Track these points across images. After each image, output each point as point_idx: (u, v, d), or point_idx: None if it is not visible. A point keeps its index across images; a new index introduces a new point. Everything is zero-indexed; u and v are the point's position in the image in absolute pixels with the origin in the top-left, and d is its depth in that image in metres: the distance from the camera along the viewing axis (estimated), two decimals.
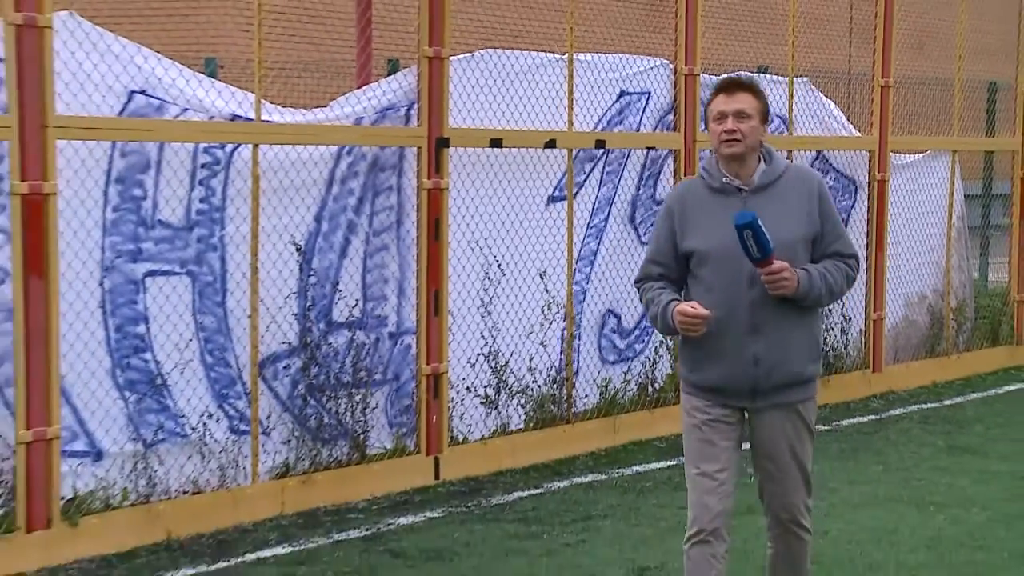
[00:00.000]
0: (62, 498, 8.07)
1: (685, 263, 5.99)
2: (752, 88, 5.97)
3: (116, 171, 8.69)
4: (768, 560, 6.20)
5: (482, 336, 10.64)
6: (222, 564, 8.13)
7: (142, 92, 8.68)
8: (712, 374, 5.99)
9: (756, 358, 5.89)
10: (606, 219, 11.64)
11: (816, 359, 6.14)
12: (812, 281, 5.86)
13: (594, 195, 11.48)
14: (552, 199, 11.14)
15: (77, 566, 7.97)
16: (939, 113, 15.13)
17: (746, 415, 6.04)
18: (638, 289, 6.24)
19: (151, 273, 8.89)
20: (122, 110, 8.58)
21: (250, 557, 8.28)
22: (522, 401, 10.90)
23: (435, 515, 9.23)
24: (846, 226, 13.45)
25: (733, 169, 5.93)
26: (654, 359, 11.84)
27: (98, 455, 8.56)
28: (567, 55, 10.97)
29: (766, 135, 6.05)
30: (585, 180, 11.30)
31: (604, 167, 11.54)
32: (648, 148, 11.78)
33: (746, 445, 6.10)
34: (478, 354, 10.62)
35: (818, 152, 13.44)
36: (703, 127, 11.84)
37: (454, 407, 10.31)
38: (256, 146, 9.02)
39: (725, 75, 6.26)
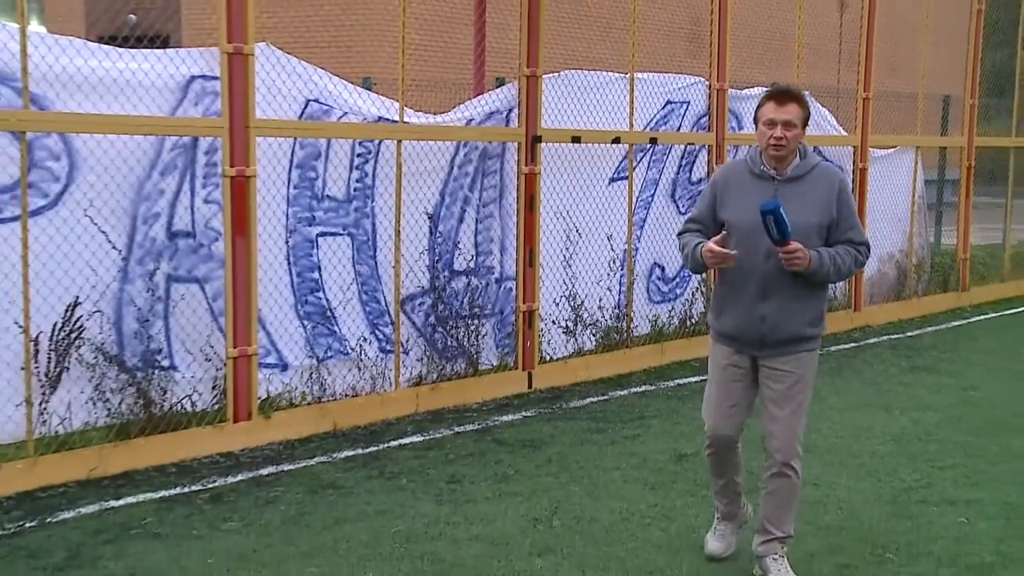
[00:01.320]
0: (259, 398, 8.21)
1: (719, 228, 5.72)
2: (799, 99, 5.63)
3: (297, 159, 8.77)
4: (762, 499, 5.88)
5: (564, 283, 10.64)
6: (372, 448, 8.22)
7: (316, 101, 8.74)
8: (729, 324, 5.74)
9: (763, 317, 5.60)
10: (652, 195, 11.60)
11: (816, 324, 5.74)
12: (822, 262, 5.57)
13: (643, 177, 11.48)
14: (612, 180, 11.13)
15: (269, 448, 8.11)
16: (906, 119, 15.02)
17: (755, 361, 5.77)
18: (679, 238, 5.92)
19: (322, 234, 8.97)
20: (301, 114, 8.65)
21: (393, 443, 8.36)
22: (593, 331, 10.91)
23: (528, 414, 9.29)
24: None
25: (773, 163, 5.67)
26: (691, 301, 11.80)
27: (284, 367, 8.70)
28: (629, 74, 10.95)
29: (804, 138, 5.74)
30: (637, 166, 11.30)
31: (651, 156, 11.50)
32: (688, 144, 11.78)
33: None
34: (561, 296, 10.61)
35: (815, 147, 13.34)
36: (730, 128, 11.90)
37: (543, 335, 10.33)
38: (399, 141, 9.07)
39: (775, 84, 5.89)
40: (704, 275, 11.05)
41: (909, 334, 13.52)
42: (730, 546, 6.10)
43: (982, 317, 14.91)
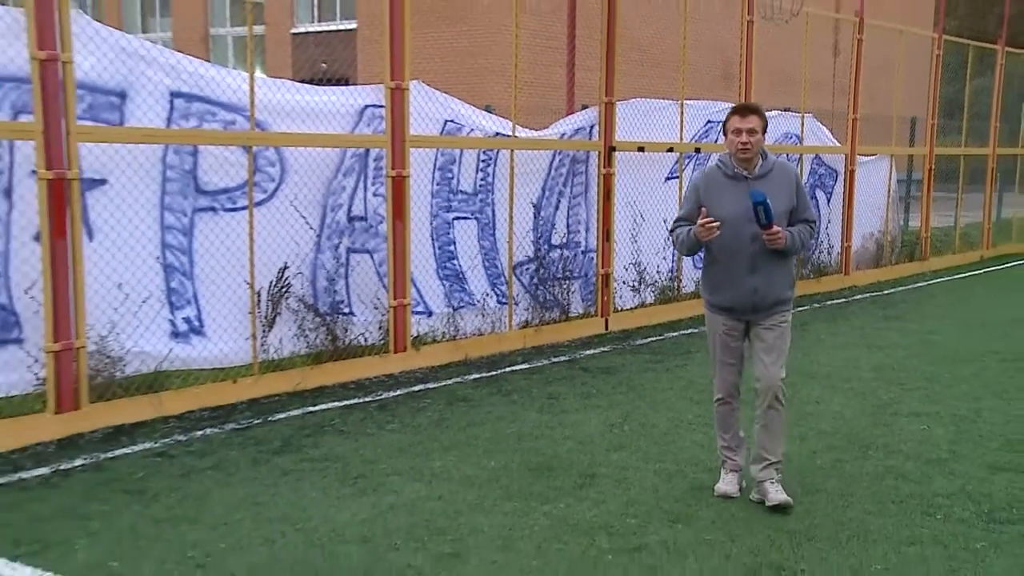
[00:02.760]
0: (411, 336, 8.27)
1: None
2: (758, 111, 5.20)
3: (438, 163, 8.78)
4: (756, 432, 5.40)
5: (632, 254, 10.55)
6: (492, 373, 8.25)
7: (452, 121, 8.74)
8: (725, 298, 5.27)
9: (754, 289, 5.19)
10: None
11: (792, 287, 5.34)
12: (794, 240, 5.22)
13: (690, 177, 11.31)
14: (667, 179, 11.01)
15: (419, 371, 8.17)
16: (883, 134, 14.81)
17: (747, 324, 5.37)
18: (671, 234, 5.45)
19: (456, 218, 8.99)
20: (441, 130, 8.65)
21: (507, 369, 8.39)
22: (652, 289, 10.83)
23: (605, 349, 9.25)
24: (831, 198, 13.45)
25: (742, 164, 5.26)
26: None
27: (429, 314, 8.75)
28: (679, 101, 10.82)
29: (764, 143, 5.32)
30: (685, 168, 11.14)
31: (695, 161, 11.32)
32: (723, 153, 11.61)
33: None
34: (629, 263, 10.54)
35: (816, 155, 13.17)
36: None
37: (616, 291, 10.27)
38: (512, 150, 9.04)
39: (738, 103, 5.51)
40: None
41: (885, 292, 13.30)
42: (738, 488, 5.43)
43: (939, 280, 14.66)
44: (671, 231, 5.46)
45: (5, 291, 6.29)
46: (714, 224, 5.10)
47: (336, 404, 7.17)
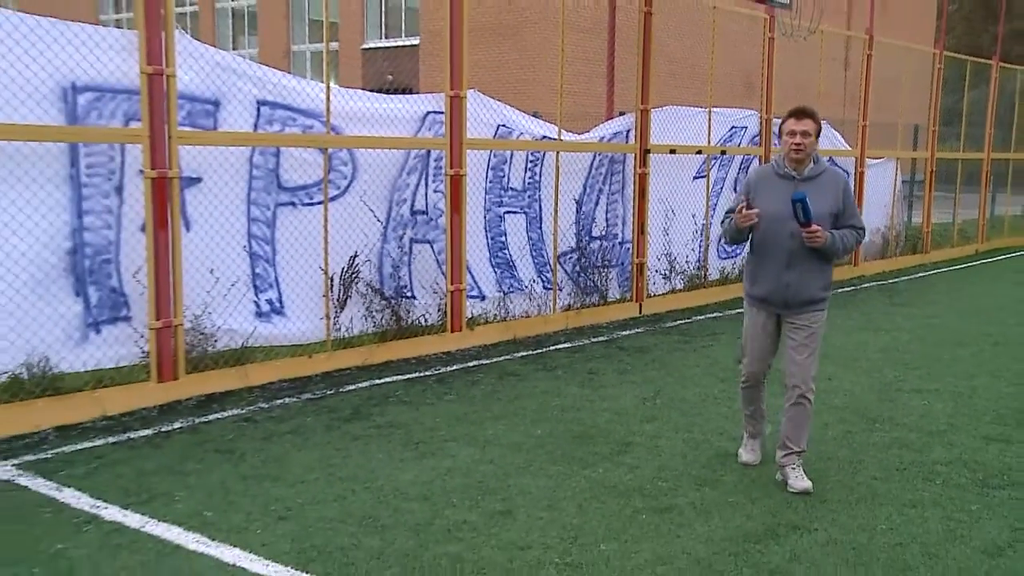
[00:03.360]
0: (466, 317, 8.22)
1: None
2: (813, 115, 4.91)
3: (491, 163, 8.72)
4: (782, 423, 5.04)
5: (663, 245, 10.44)
6: (538, 351, 8.20)
7: (503, 126, 8.67)
8: (761, 290, 5.00)
9: (787, 284, 4.90)
10: (721, 188, 11.30)
11: (827, 288, 5.00)
12: (834, 241, 4.94)
13: (716, 175, 11.19)
14: (695, 178, 10.88)
15: (473, 349, 8.13)
16: (890, 139, 14.57)
17: (780, 318, 5.03)
18: (721, 224, 5.20)
19: (507, 212, 8.91)
20: (494, 134, 8.59)
21: (551, 348, 8.33)
22: (682, 277, 10.70)
23: (639, 330, 9.17)
24: None
25: (793, 165, 5.04)
26: (745, 258, 11.54)
27: (482, 297, 8.70)
28: (707, 109, 10.68)
29: (817, 147, 5.13)
30: (712, 168, 11.01)
31: (721, 162, 11.19)
32: (745, 154, 11.47)
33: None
34: (661, 254, 10.42)
35: (829, 157, 12.96)
36: (775, 143, 11.56)
37: (649, 279, 10.17)
38: (557, 152, 8.98)
39: (796, 105, 5.32)
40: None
41: (890, 281, 13.08)
42: (759, 456, 5.36)
43: (938, 271, 14.40)
44: (721, 221, 5.28)
45: (116, 275, 6.37)
46: (751, 211, 4.91)
47: (399, 377, 7.17)
